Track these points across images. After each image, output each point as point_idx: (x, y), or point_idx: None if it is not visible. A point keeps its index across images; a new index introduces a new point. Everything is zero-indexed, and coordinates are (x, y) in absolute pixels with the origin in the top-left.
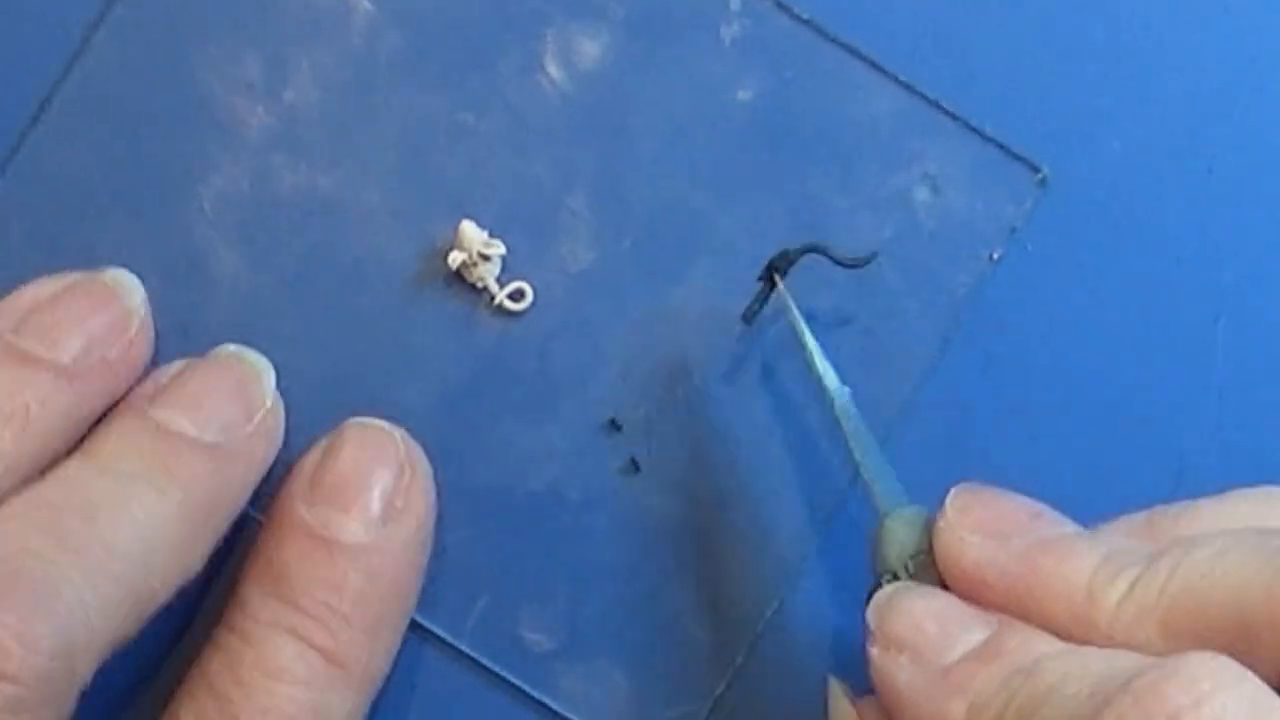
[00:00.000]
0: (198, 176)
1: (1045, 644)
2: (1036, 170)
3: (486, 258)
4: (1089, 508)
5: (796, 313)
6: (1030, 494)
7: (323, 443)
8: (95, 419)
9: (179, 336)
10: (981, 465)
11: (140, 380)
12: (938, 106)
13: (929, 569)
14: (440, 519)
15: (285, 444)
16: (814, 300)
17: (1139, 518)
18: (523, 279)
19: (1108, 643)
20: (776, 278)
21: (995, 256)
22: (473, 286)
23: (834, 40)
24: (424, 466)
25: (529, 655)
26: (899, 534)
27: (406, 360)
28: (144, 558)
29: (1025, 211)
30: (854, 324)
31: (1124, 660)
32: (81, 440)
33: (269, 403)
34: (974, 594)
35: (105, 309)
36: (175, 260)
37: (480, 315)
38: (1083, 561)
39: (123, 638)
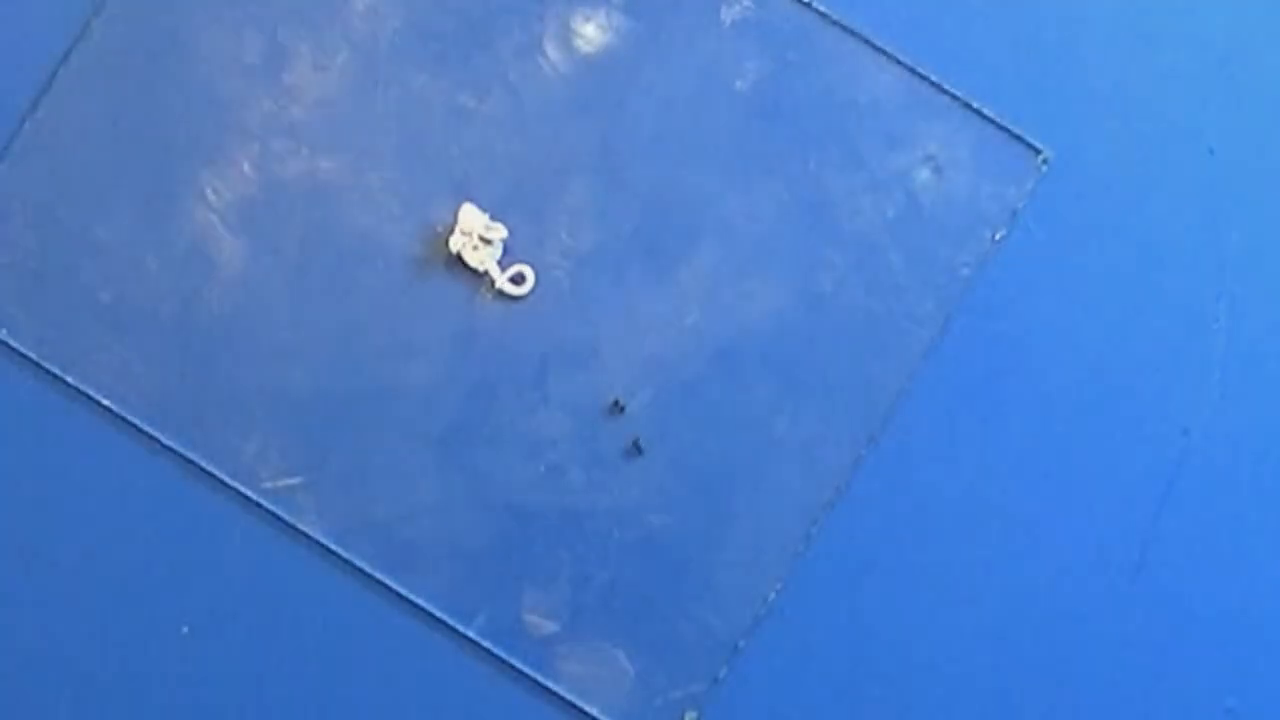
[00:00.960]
0: (199, 160)
1: None
2: (1038, 152)
3: (488, 241)
4: (1093, 482)
5: None
6: (1035, 469)
7: None
8: None
9: (181, 320)
10: (985, 442)
11: None
12: (939, 88)
13: None
14: (442, 503)
15: (295, 425)
16: (815, 283)
17: None
18: (524, 262)
19: None
20: None
21: (997, 237)
22: (474, 270)
23: (835, 22)
24: None
25: (531, 639)
26: None
27: (407, 344)
28: None
29: (1027, 192)
30: (856, 304)
31: None
32: None
33: None
34: None
35: None
36: (177, 244)
37: (481, 299)
38: None
39: None
